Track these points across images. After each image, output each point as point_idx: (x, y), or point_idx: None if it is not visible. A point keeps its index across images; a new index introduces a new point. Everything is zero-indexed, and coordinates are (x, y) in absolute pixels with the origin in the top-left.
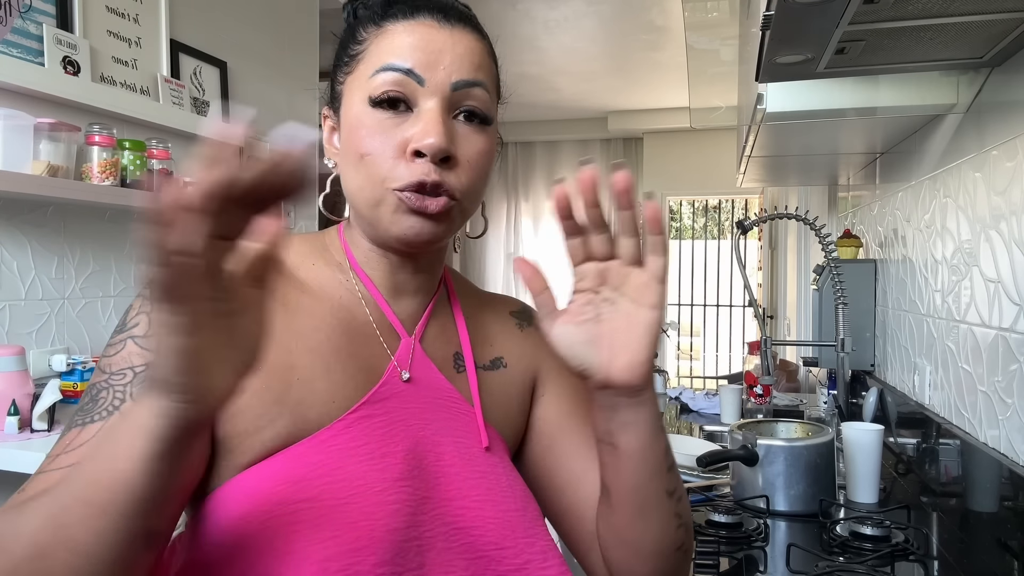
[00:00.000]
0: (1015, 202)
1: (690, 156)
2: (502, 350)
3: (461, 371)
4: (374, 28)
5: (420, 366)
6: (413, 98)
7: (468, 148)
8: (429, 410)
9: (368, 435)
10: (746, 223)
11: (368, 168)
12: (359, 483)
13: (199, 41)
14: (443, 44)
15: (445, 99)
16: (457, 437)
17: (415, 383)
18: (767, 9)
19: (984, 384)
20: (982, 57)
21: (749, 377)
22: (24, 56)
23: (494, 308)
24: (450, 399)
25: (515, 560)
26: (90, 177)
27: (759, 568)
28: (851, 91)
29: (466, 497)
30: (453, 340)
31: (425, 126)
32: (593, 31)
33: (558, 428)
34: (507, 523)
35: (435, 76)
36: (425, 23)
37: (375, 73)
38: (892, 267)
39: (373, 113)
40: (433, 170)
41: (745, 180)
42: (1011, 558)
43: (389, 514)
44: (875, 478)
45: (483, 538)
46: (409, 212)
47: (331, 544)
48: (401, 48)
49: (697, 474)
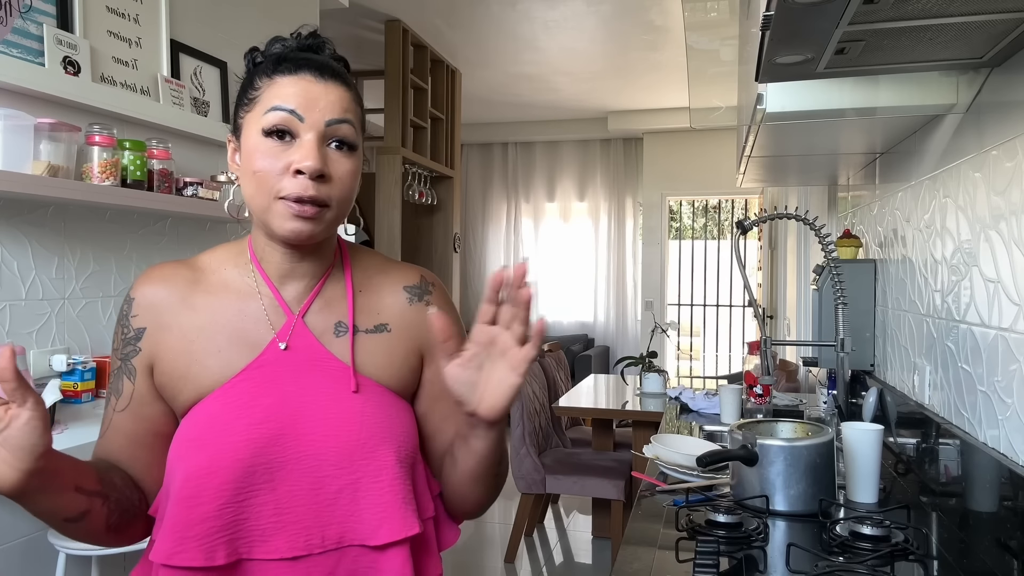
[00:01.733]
0: (1015, 202)
1: (690, 156)
2: (387, 317)
3: (341, 335)
4: (267, 79)
5: (299, 337)
6: (296, 131)
7: (338, 168)
8: (303, 370)
9: (244, 392)
10: (746, 223)
11: (260, 181)
12: (227, 426)
13: (199, 41)
14: (319, 93)
15: (320, 133)
16: (325, 388)
17: (292, 351)
18: (767, 9)
19: (984, 384)
20: (982, 57)
21: (749, 377)
22: (24, 56)
23: (390, 281)
24: (323, 360)
25: (350, 475)
26: (90, 177)
27: (759, 568)
28: (851, 91)
29: (315, 432)
30: (337, 311)
31: (305, 152)
32: (593, 31)
33: (436, 396)
34: (345, 448)
35: (312, 116)
36: (306, 78)
37: (267, 112)
38: (892, 267)
39: (265, 141)
40: (311, 185)
41: (745, 180)
42: (1011, 558)
43: (238, 447)
44: (875, 478)
45: (325, 461)
46: (293, 217)
47: (190, 466)
48: (287, 95)
49: (697, 474)
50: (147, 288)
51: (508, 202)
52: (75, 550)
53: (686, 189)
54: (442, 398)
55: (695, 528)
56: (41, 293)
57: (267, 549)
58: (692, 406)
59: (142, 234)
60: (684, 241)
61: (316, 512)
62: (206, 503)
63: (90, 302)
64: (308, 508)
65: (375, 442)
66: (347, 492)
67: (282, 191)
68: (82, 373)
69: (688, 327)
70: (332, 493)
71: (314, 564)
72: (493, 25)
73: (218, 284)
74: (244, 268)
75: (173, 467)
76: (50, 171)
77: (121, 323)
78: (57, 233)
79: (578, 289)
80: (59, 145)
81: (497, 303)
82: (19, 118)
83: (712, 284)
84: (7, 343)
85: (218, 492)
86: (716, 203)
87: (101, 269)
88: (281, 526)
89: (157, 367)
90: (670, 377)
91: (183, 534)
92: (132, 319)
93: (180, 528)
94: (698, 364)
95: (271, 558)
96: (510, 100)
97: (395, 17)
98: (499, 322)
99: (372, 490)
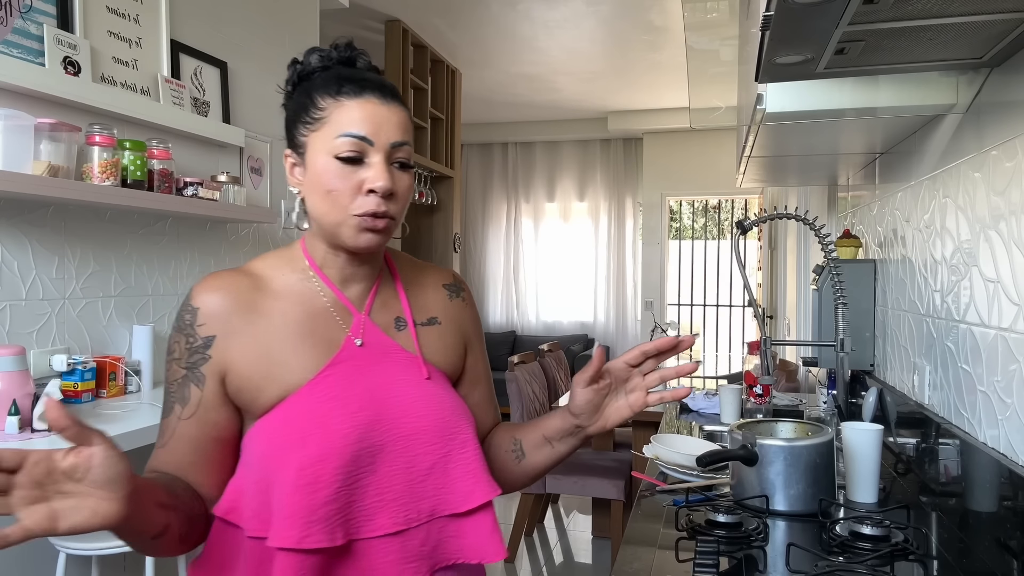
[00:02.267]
0: (1014, 202)
1: (690, 156)
2: (435, 311)
3: (402, 329)
4: (332, 100)
5: (369, 332)
6: (365, 154)
7: (400, 185)
8: (380, 362)
9: (333, 386)
10: (746, 223)
11: (334, 200)
12: (326, 416)
13: (199, 41)
14: (384, 117)
15: (386, 154)
16: (403, 376)
17: (367, 346)
18: (767, 9)
19: (983, 384)
20: (982, 57)
21: (749, 377)
22: (25, 56)
23: (431, 279)
24: (394, 352)
25: (441, 450)
26: (90, 177)
27: (759, 568)
28: (851, 91)
29: (407, 415)
30: (394, 307)
31: (376, 173)
32: (593, 31)
33: (475, 377)
34: (435, 427)
35: (379, 139)
36: (371, 101)
37: (339, 137)
38: (892, 267)
39: (338, 164)
40: (382, 203)
41: (745, 180)
42: (1011, 558)
43: (345, 435)
44: (875, 478)
45: (419, 439)
46: (365, 231)
47: (304, 455)
48: (355, 120)
49: (697, 474)
50: (210, 297)
51: (508, 202)
52: (75, 550)
53: (686, 189)
54: (478, 384)
55: (695, 528)
56: (41, 293)
57: (372, 527)
58: (692, 406)
59: (142, 234)
60: (684, 241)
61: (411, 488)
62: (324, 488)
63: (90, 302)
64: (405, 485)
65: (455, 419)
66: (438, 467)
67: (356, 209)
68: (82, 373)
69: (688, 327)
70: (424, 469)
71: (410, 536)
72: (493, 25)
73: (281, 288)
74: (303, 273)
75: (276, 459)
76: (50, 171)
77: (184, 332)
78: (57, 233)
79: (578, 289)
80: (59, 145)
81: (651, 357)
82: (19, 118)
83: (712, 284)
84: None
85: (333, 477)
86: (716, 203)
87: (101, 269)
88: (383, 504)
89: (232, 372)
90: None
91: (308, 519)
92: (198, 328)
93: (304, 514)
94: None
95: (376, 535)
96: (510, 100)
97: (395, 17)
98: (642, 368)
99: (460, 462)
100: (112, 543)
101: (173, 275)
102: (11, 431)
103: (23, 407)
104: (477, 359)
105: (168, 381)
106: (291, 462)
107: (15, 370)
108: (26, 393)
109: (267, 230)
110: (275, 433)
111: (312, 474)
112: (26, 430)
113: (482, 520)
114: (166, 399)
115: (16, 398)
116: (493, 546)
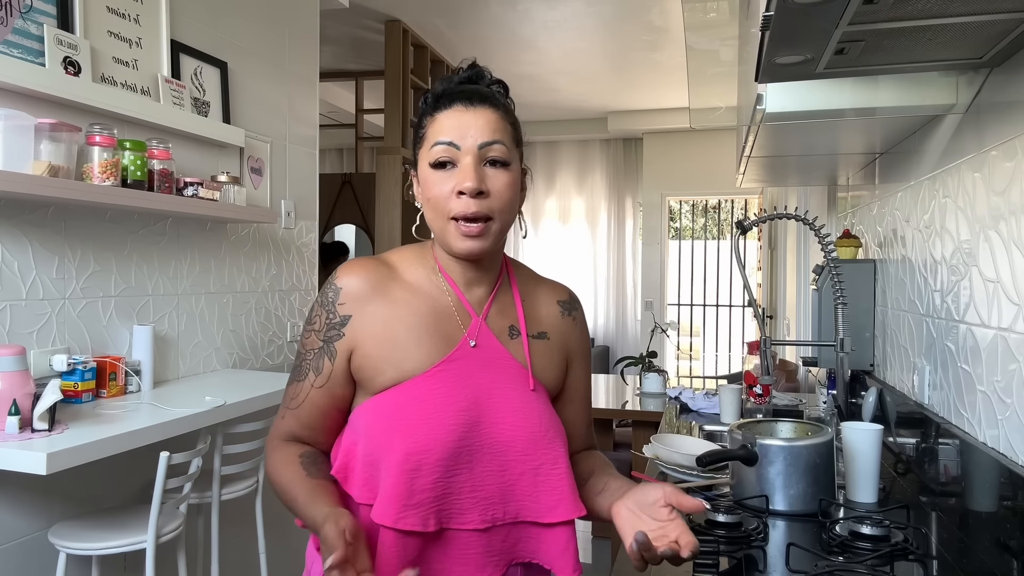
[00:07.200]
0: (1014, 202)
1: (690, 156)
2: (546, 326)
3: (515, 338)
4: (430, 118)
5: (484, 337)
6: (456, 159)
7: (495, 183)
8: (489, 366)
9: (445, 381)
10: (746, 223)
11: (434, 206)
12: (434, 410)
13: (199, 41)
14: (470, 121)
15: (475, 156)
16: (508, 383)
17: (480, 348)
18: (767, 9)
19: (983, 384)
20: (981, 57)
21: (749, 377)
22: (25, 56)
23: (546, 294)
24: (503, 358)
25: (533, 462)
26: (91, 177)
27: (759, 568)
28: (850, 91)
29: (505, 421)
30: (510, 315)
31: (464, 175)
32: (593, 32)
33: (572, 396)
34: (531, 439)
35: (466, 142)
36: (457, 109)
37: (432, 146)
38: (891, 267)
39: (434, 172)
40: (473, 203)
41: (745, 180)
42: (1011, 558)
43: (450, 430)
44: (874, 478)
45: (513, 447)
46: (463, 236)
47: (411, 442)
48: (444, 128)
49: (697, 474)
50: (352, 279)
51: None
52: (75, 550)
53: (686, 189)
54: (572, 402)
55: (695, 528)
56: (41, 293)
57: (463, 520)
58: (692, 406)
59: (142, 234)
60: (684, 241)
61: (502, 491)
62: (425, 476)
63: (90, 302)
64: (496, 487)
65: (551, 435)
66: (528, 476)
67: (452, 211)
68: (82, 373)
69: (688, 327)
70: (515, 476)
71: (495, 534)
72: (493, 25)
73: (411, 281)
74: (431, 271)
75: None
76: (50, 171)
77: (325, 308)
78: (57, 233)
79: (578, 289)
80: (59, 145)
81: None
82: (19, 118)
83: (712, 284)
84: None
85: (434, 468)
86: (716, 203)
87: (101, 269)
88: (475, 502)
89: (359, 350)
90: (670, 377)
91: (406, 502)
92: (339, 306)
93: (403, 497)
94: (698, 364)
95: (465, 528)
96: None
97: (395, 17)
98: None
99: (550, 476)
100: (112, 543)
101: (173, 275)
102: (11, 431)
103: (23, 407)
104: (578, 377)
105: (304, 348)
106: (397, 447)
107: (15, 370)
108: (26, 393)
109: (267, 230)
110: (386, 416)
111: (416, 462)
112: (26, 430)
113: (561, 534)
114: (300, 365)
115: (16, 398)
116: (567, 560)
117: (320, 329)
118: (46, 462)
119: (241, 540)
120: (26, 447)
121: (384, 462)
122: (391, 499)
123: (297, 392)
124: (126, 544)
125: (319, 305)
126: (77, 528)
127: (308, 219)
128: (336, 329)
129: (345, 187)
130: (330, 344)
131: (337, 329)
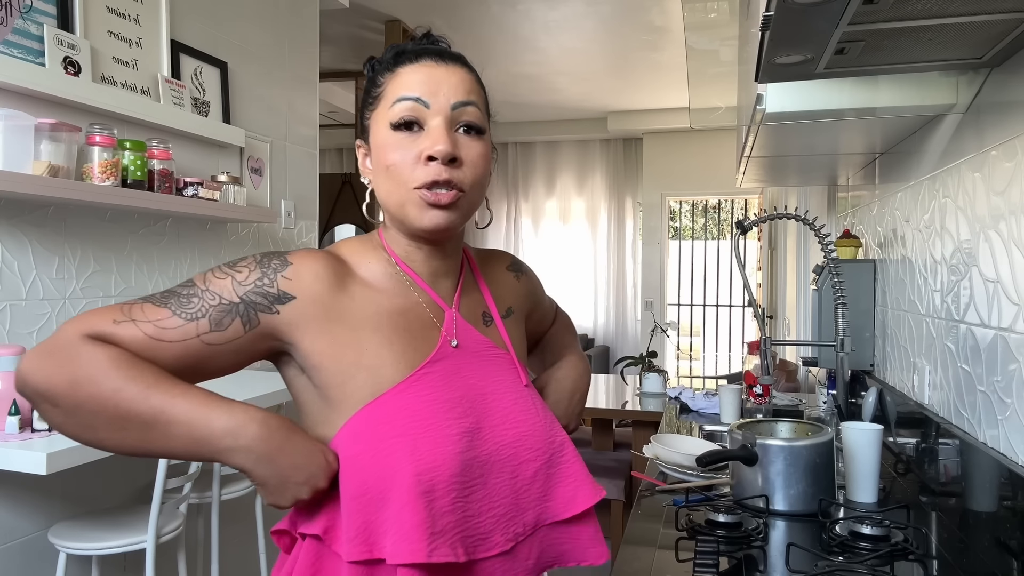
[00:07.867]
0: (1014, 202)
1: (690, 156)
2: (510, 300)
3: (489, 324)
4: (389, 74)
5: (462, 330)
6: (423, 119)
7: (469, 152)
8: (475, 363)
9: (432, 387)
10: (746, 223)
11: (393, 175)
12: (431, 422)
13: (199, 41)
14: (442, 76)
15: (447, 117)
16: (498, 379)
17: (462, 346)
18: (767, 9)
19: (983, 384)
20: (981, 57)
21: (748, 377)
22: (25, 56)
23: (496, 266)
24: (488, 350)
25: (544, 456)
26: (91, 177)
27: (759, 568)
28: (850, 91)
29: (506, 421)
30: (479, 302)
31: (435, 137)
32: (593, 31)
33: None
34: (535, 433)
35: (437, 100)
36: (427, 64)
37: (392, 104)
38: (891, 267)
39: (394, 135)
40: (444, 170)
41: (745, 180)
42: (1011, 558)
43: (454, 439)
44: (874, 478)
45: (522, 446)
46: (429, 207)
47: (418, 459)
48: (410, 83)
49: (697, 474)
50: (307, 262)
51: (508, 202)
52: (75, 550)
53: (686, 189)
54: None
55: (695, 528)
56: (41, 293)
57: (488, 546)
58: (692, 406)
59: (142, 234)
60: (684, 241)
61: (516, 499)
62: (441, 496)
63: (90, 302)
64: (510, 496)
65: (550, 422)
66: (541, 474)
67: (416, 180)
68: None
69: (688, 327)
70: (529, 477)
71: (520, 551)
72: (493, 25)
73: (369, 277)
74: (386, 264)
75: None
76: (50, 171)
77: (263, 269)
78: (57, 233)
79: (578, 289)
80: (59, 145)
81: None
82: (19, 118)
83: (712, 284)
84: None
85: (449, 486)
86: (716, 203)
87: (101, 269)
88: (495, 521)
89: (313, 348)
90: (670, 377)
91: (431, 530)
92: (281, 278)
93: (426, 525)
94: (698, 364)
95: (491, 554)
96: (510, 100)
97: (395, 17)
98: None
99: (561, 466)
100: (112, 543)
101: (173, 275)
102: (11, 431)
103: (23, 407)
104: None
105: (206, 287)
106: (404, 470)
107: (15, 370)
108: None
109: (267, 230)
110: (376, 437)
111: (429, 482)
112: (26, 430)
113: (583, 526)
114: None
115: (16, 398)
116: (595, 548)
117: (243, 284)
118: (46, 462)
119: (241, 540)
120: (26, 447)
121: (390, 492)
122: (412, 531)
123: (170, 324)
124: (126, 544)
125: (255, 262)
126: (77, 528)
127: (308, 219)
128: (268, 300)
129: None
130: (252, 311)
131: (270, 301)
